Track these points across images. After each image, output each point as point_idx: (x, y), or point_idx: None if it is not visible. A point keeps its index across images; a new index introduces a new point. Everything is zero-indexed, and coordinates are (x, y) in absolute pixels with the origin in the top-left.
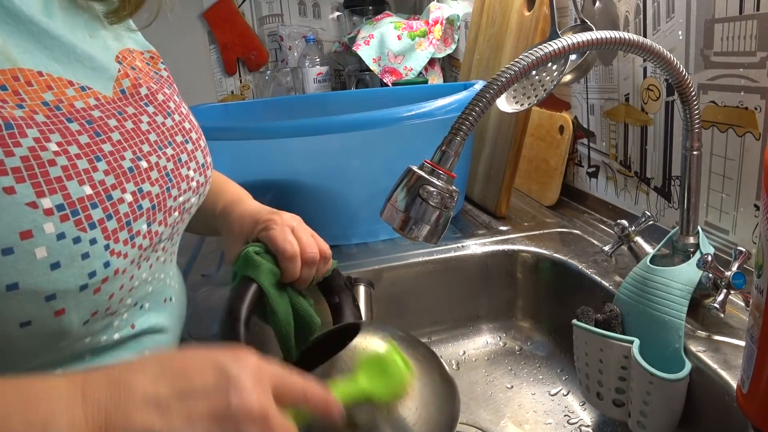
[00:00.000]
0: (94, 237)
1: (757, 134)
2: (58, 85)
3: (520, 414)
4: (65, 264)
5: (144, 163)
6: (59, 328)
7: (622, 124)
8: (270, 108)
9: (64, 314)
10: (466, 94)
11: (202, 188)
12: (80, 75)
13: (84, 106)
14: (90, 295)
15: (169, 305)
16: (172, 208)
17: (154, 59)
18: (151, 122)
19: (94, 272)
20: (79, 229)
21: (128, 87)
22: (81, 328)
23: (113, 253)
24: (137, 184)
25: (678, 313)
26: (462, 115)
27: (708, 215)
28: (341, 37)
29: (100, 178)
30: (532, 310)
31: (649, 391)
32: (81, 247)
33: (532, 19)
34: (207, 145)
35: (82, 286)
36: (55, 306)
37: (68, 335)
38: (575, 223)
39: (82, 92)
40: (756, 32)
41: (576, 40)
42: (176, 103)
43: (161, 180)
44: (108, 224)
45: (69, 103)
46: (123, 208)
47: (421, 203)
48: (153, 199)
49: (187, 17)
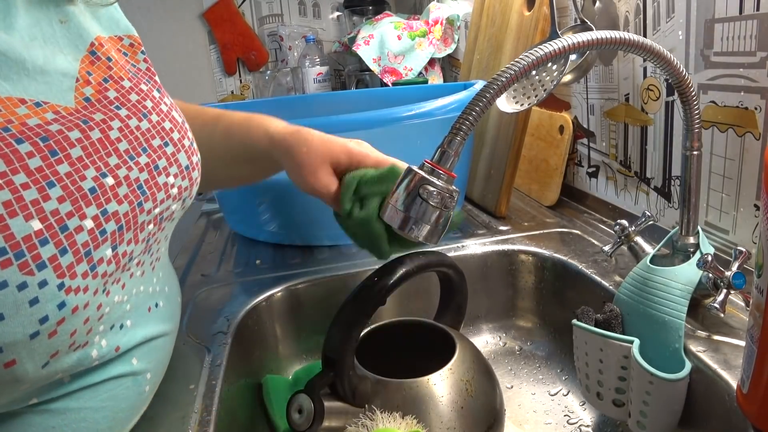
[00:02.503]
0: (44, 278)
1: (757, 134)
2: (6, 106)
3: (520, 414)
4: (9, 315)
5: (110, 180)
6: (12, 377)
7: (622, 124)
8: (270, 108)
9: (17, 364)
10: (466, 94)
11: (186, 192)
12: (33, 91)
13: (39, 122)
14: (44, 340)
15: (155, 312)
16: (145, 222)
17: (134, 47)
18: (123, 128)
19: (46, 317)
20: (25, 273)
21: (92, 94)
22: (40, 372)
23: (69, 291)
24: (100, 205)
25: (678, 313)
26: (462, 115)
27: (708, 215)
28: (341, 37)
29: (52, 208)
30: (532, 310)
31: (649, 391)
32: (27, 294)
33: (532, 19)
34: (194, 142)
35: (33, 334)
36: (4, 359)
37: (24, 381)
38: (575, 223)
39: (36, 108)
40: (756, 32)
41: (576, 40)
42: (155, 101)
43: (131, 195)
44: (62, 260)
45: (20, 122)
46: (81, 238)
47: (422, 203)
48: (120, 219)
49: (187, 17)
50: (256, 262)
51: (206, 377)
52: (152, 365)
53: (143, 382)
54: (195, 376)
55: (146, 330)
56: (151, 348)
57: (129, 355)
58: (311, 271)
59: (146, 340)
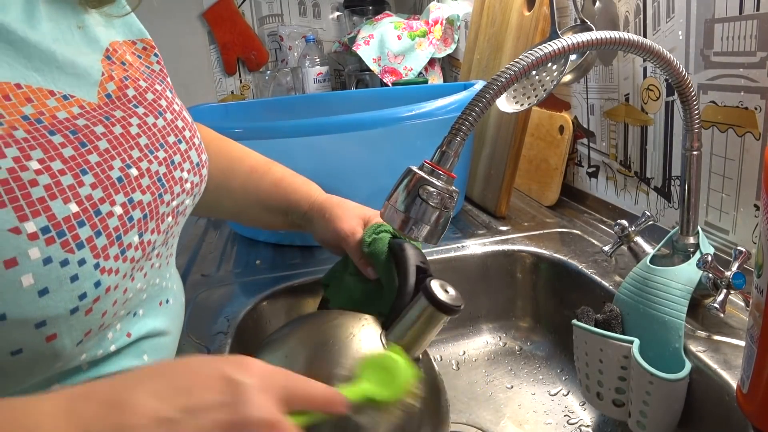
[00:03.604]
0: (83, 257)
1: (757, 134)
2: (38, 97)
3: (520, 414)
4: (53, 289)
5: (134, 171)
6: (52, 352)
7: (622, 124)
8: (270, 108)
9: (57, 339)
10: (466, 94)
11: (197, 188)
12: (62, 83)
13: (67, 116)
14: (82, 316)
15: (165, 307)
16: (165, 213)
17: (147, 50)
18: (141, 124)
19: (84, 294)
20: (67, 251)
21: (114, 90)
22: (74, 349)
23: (104, 271)
24: (127, 194)
25: (678, 313)
26: (462, 115)
27: (708, 215)
28: (341, 37)
29: (86, 193)
30: (532, 310)
31: (649, 391)
32: (69, 270)
33: (532, 19)
34: (201, 142)
35: (73, 310)
36: (46, 332)
37: (61, 357)
38: (575, 223)
39: (64, 101)
40: (756, 32)
41: (576, 40)
42: (168, 100)
43: (153, 186)
44: (97, 241)
45: (51, 114)
46: (112, 222)
47: (421, 203)
48: (144, 209)
49: (187, 17)
50: (256, 262)
51: None
52: None
53: None
54: None
55: (155, 322)
56: (159, 346)
57: (140, 350)
58: (311, 271)
59: (153, 334)
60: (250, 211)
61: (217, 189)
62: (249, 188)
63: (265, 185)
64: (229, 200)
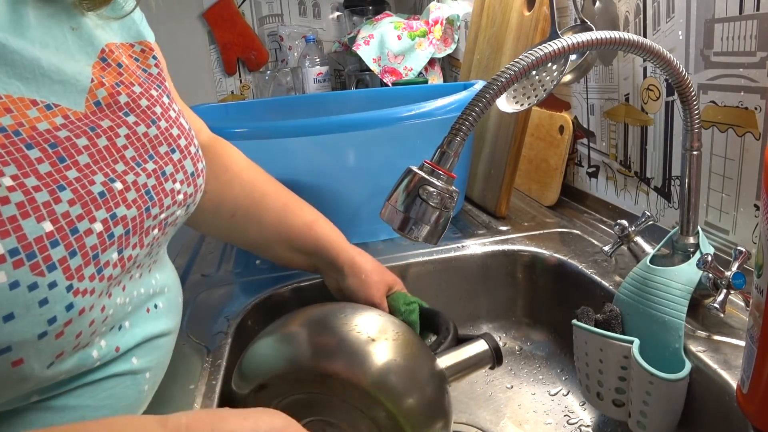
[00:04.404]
0: (54, 280)
1: (757, 134)
2: (18, 107)
3: (520, 414)
4: (20, 314)
5: (118, 185)
6: (19, 377)
7: (622, 124)
8: (270, 108)
9: (24, 363)
10: (466, 94)
11: (191, 199)
12: (46, 91)
13: (49, 127)
14: (51, 340)
15: (154, 312)
16: (151, 227)
17: (145, 53)
18: (130, 134)
19: (54, 318)
20: (36, 274)
21: (104, 98)
22: (45, 372)
23: (77, 293)
24: (110, 209)
25: (678, 313)
26: (462, 115)
27: (708, 215)
28: (341, 37)
29: (63, 210)
30: (532, 310)
31: (649, 391)
32: (38, 294)
33: (532, 19)
34: (199, 149)
35: (41, 334)
36: (12, 357)
37: (30, 381)
38: (575, 223)
39: (47, 111)
40: (756, 32)
41: (576, 40)
42: (164, 107)
43: (140, 200)
44: (71, 262)
45: (31, 126)
46: (90, 241)
47: (421, 203)
48: (128, 224)
49: (187, 17)
50: (256, 262)
51: (206, 377)
52: (152, 364)
53: (142, 381)
54: (195, 376)
55: (145, 330)
56: (151, 347)
57: (129, 354)
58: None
59: (146, 340)
60: (276, 246)
61: (247, 218)
62: (281, 224)
63: (298, 224)
64: (257, 232)
